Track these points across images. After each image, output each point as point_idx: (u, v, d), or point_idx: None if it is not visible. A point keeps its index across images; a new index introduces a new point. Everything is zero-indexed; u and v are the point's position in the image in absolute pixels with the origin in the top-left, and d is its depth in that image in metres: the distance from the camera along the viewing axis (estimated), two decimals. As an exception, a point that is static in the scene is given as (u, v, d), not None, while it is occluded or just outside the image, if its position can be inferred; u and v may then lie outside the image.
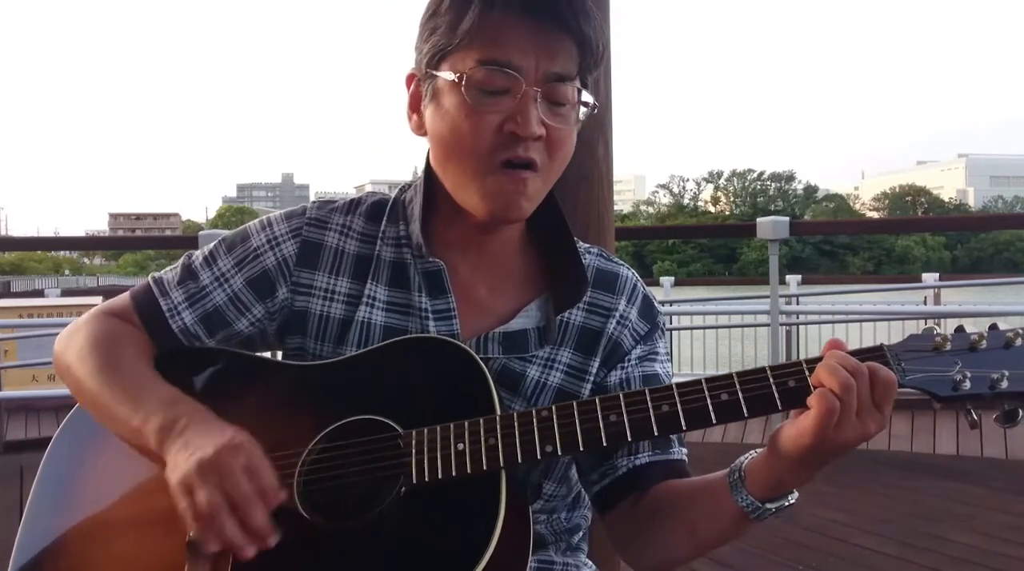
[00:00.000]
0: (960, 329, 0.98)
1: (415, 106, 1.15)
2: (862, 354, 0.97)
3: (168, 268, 1.25)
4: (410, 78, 1.15)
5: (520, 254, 1.22)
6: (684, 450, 1.20)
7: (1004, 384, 0.93)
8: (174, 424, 1.05)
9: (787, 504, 1.02)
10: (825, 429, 0.93)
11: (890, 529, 3.70)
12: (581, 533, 1.26)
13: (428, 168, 1.17)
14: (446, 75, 1.07)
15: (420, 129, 1.15)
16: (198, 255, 1.23)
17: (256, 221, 1.24)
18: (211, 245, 1.23)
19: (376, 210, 1.22)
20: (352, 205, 1.23)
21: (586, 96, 1.11)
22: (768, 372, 0.98)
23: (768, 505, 1.01)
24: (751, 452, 1.05)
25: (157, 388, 1.11)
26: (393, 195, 1.24)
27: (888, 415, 0.95)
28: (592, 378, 1.19)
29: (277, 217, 1.23)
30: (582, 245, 1.23)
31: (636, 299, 1.24)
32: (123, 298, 1.24)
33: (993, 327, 0.97)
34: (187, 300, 1.19)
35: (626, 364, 1.21)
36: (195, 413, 1.06)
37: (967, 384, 0.94)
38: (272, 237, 1.20)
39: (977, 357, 0.95)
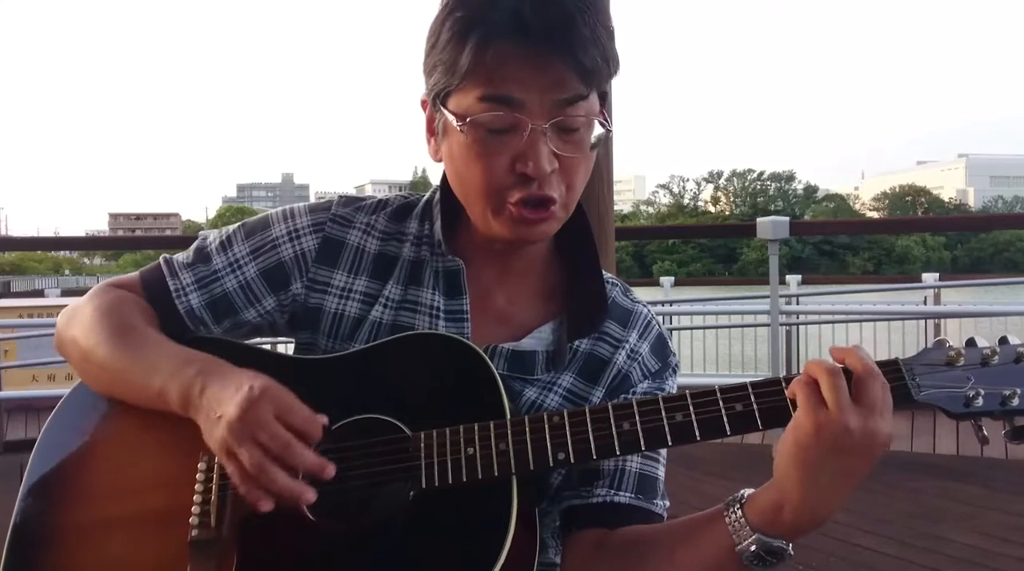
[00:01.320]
0: (971, 342, 0.96)
1: (431, 130, 1.13)
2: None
3: (181, 252, 1.22)
4: (424, 103, 1.13)
5: (544, 270, 1.20)
6: (667, 504, 1.17)
7: (1015, 402, 0.93)
8: (191, 389, 1.04)
9: (776, 546, 0.95)
10: (814, 409, 0.90)
11: (890, 529, 3.70)
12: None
13: (445, 182, 1.16)
14: (450, 116, 1.05)
15: (437, 155, 1.13)
16: (214, 238, 1.21)
17: (279, 210, 1.22)
18: (229, 229, 1.21)
19: (402, 211, 1.21)
20: (379, 205, 1.22)
21: (601, 120, 1.07)
22: (783, 383, 0.96)
23: (757, 535, 0.95)
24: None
25: (169, 350, 1.10)
26: (425, 196, 1.23)
27: (881, 411, 0.91)
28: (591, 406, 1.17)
29: (301, 209, 1.21)
30: (605, 274, 1.21)
31: (649, 335, 1.22)
32: (131, 276, 1.23)
33: (1003, 341, 0.96)
34: (196, 282, 1.18)
35: (630, 396, 1.17)
36: (207, 371, 1.05)
37: (979, 401, 0.93)
38: (293, 229, 1.18)
39: (989, 372, 0.94)
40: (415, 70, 1.20)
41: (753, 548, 0.96)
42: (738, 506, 0.98)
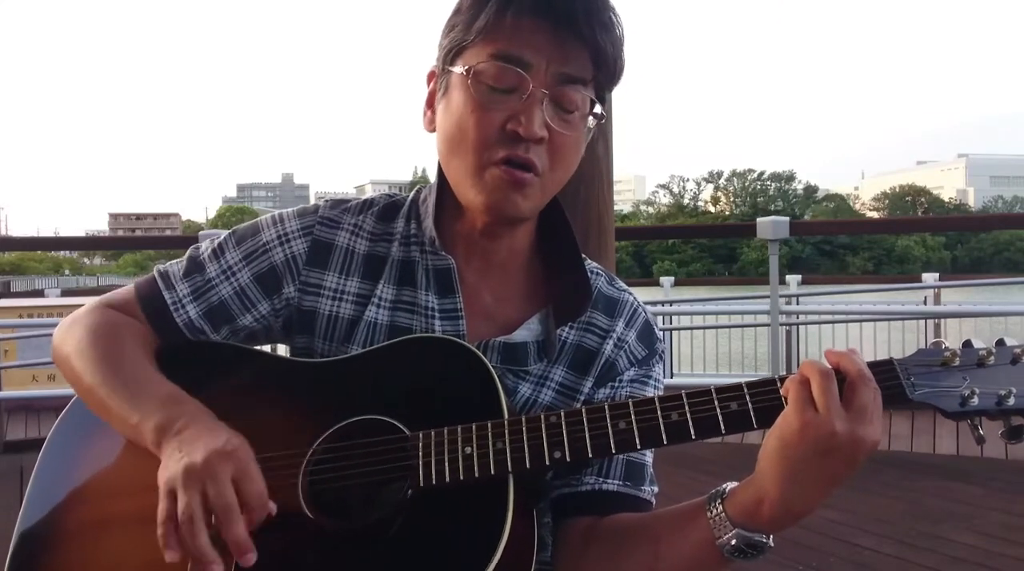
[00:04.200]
0: (968, 344, 0.97)
1: (431, 103, 1.16)
2: (871, 367, 0.95)
3: (174, 261, 1.23)
4: (431, 75, 1.16)
5: (526, 266, 1.21)
6: (655, 490, 1.18)
7: (1011, 401, 0.93)
8: (171, 424, 1.03)
9: (756, 540, 0.97)
10: (803, 408, 0.91)
11: (890, 529, 3.70)
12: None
13: (440, 166, 1.17)
14: (457, 70, 1.08)
15: (431, 125, 1.15)
16: (205, 247, 1.22)
17: (267, 216, 1.23)
18: (219, 238, 1.22)
19: (389, 210, 1.22)
20: (365, 205, 1.23)
21: (597, 107, 1.10)
22: (778, 382, 0.97)
23: (741, 530, 0.96)
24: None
25: (156, 385, 1.10)
26: (411, 196, 1.24)
27: (872, 416, 0.91)
28: (583, 398, 1.18)
29: (289, 213, 1.22)
30: (591, 264, 1.23)
31: (636, 322, 1.23)
32: (126, 290, 1.23)
33: (1000, 342, 0.96)
34: (192, 293, 1.18)
35: (616, 384, 1.19)
36: (194, 414, 1.04)
37: (975, 400, 0.93)
38: (283, 233, 1.19)
39: (985, 373, 0.94)
40: (415, 70, 1.20)
41: (733, 542, 0.97)
42: (719, 501, 0.99)
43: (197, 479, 0.95)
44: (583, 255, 1.22)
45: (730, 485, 1.01)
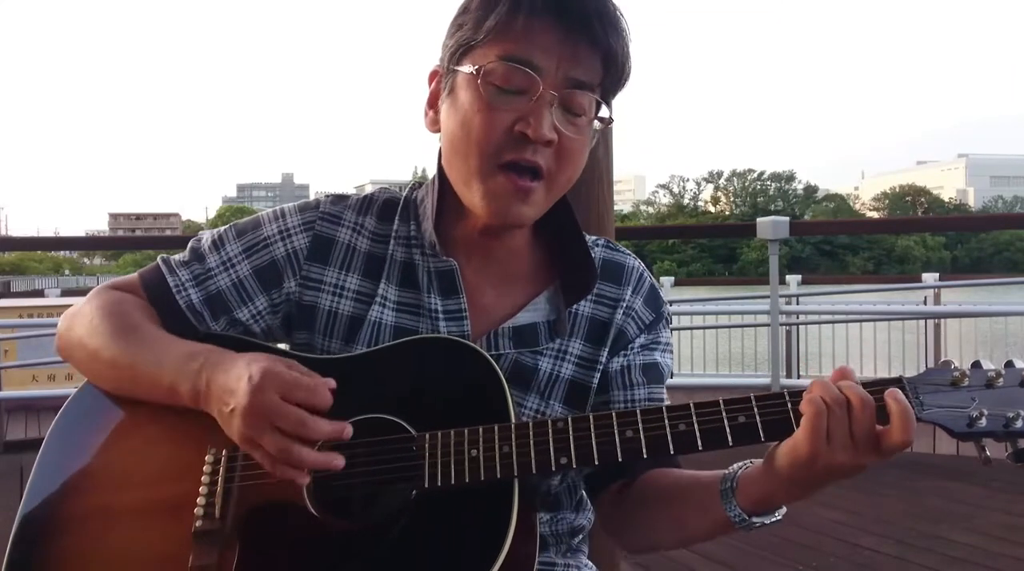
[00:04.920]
0: (977, 364, 0.98)
1: (433, 102, 1.16)
2: (880, 384, 0.96)
3: (177, 253, 1.24)
4: (433, 75, 1.16)
5: (527, 253, 1.22)
6: None
7: (1019, 424, 0.94)
8: (198, 383, 1.06)
9: (773, 520, 1.03)
10: (817, 439, 0.94)
11: (890, 529, 3.70)
12: (582, 535, 1.26)
13: (441, 167, 1.16)
14: (465, 69, 1.07)
15: (435, 126, 1.15)
16: (206, 238, 1.23)
17: (269, 210, 1.24)
18: (220, 229, 1.23)
19: (387, 208, 1.22)
20: (365, 203, 1.23)
21: (604, 111, 1.10)
22: (787, 396, 0.98)
23: (755, 519, 1.02)
24: (747, 461, 1.05)
25: (173, 346, 1.12)
26: (404, 194, 1.24)
27: (880, 449, 0.94)
28: (601, 368, 1.19)
29: (291, 208, 1.23)
30: (589, 237, 1.24)
31: (642, 288, 1.25)
32: (130, 276, 1.24)
33: (1009, 364, 0.97)
34: (193, 279, 1.19)
35: (628, 352, 1.21)
36: (211, 362, 1.06)
37: (983, 421, 0.94)
38: (284, 228, 1.20)
39: (993, 394, 0.96)
40: (415, 70, 1.20)
41: (754, 526, 1.04)
42: (732, 494, 1.03)
43: (259, 420, 0.98)
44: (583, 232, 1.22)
45: (737, 472, 1.04)
